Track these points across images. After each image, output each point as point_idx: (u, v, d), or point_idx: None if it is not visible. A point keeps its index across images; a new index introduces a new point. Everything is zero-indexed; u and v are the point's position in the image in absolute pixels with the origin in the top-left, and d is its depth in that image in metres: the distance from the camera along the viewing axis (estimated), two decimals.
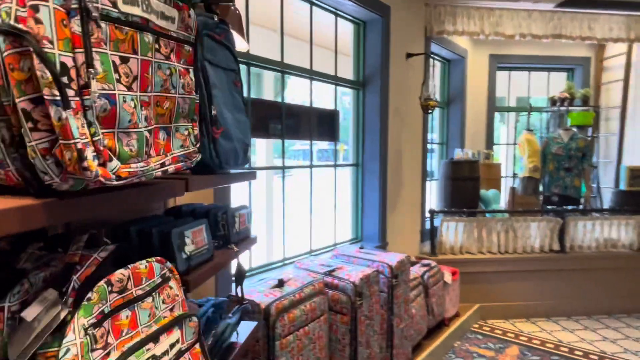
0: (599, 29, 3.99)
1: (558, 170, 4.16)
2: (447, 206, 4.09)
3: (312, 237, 3.01)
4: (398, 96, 3.50)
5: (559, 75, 5.39)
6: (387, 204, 3.43)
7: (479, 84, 5.00)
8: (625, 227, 4.09)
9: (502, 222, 3.96)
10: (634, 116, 4.58)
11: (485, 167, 4.46)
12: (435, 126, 4.95)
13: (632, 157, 4.58)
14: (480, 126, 5.04)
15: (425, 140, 3.99)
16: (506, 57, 5.00)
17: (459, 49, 4.61)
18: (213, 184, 1.13)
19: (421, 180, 3.99)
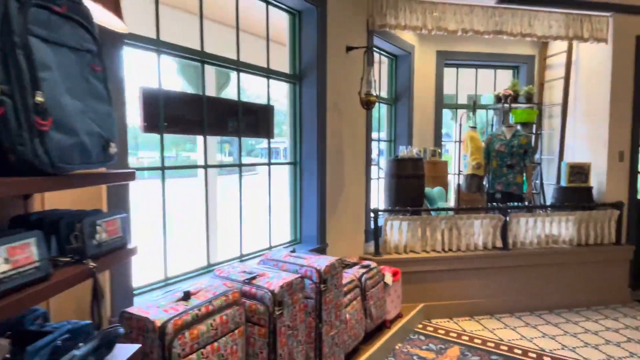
0: (538, 26, 4.02)
1: (501, 168, 4.17)
2: (392, 204, 4.01)
3: (244, 241, 2.82)
4: (338, 91, 3.36)
5: (506, 72, 5.44)
6: (327, 204, 3.29)
7: (427, 81, 4.96)
8: (565, 223, 4.16)
9: (446, 220, 3.91)
10: (574, 113, 4.67)
11: (431, 165, 4.42)
12: (383, 123, 4.87)
13: (573, 153, 4.68)
14: (428, 123, 5.01)
15: (369, 138, 3.88)
16: (453, 54, 4.99)
17: (406, 45, 4.54)
18: (38, 189, 0.91)
19: (365, 178, 3.87)
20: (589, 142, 4.50)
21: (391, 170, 4.01)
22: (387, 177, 4.08)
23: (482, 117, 5.61)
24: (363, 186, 3.85)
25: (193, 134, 2.31)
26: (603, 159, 4.32)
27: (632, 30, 4.19)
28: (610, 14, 4.14)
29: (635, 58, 4.22)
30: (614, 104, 4.23)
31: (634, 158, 4.32)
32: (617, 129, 4.26)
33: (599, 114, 4.36)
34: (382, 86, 4.73)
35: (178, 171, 4.42)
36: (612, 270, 4.21)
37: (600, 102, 4.33)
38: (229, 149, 23.12)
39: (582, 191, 4.30)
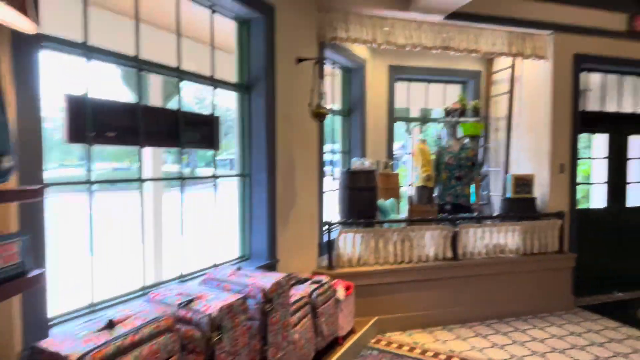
0: (483, 42, 4.17)
1: (450, 179, 4.26)
2: (346, 217, 3.96)
3: (187, 260, 2.65)
4: (288, 102, 3.29)
5: (454, 87, 5.61)
6: (278, 218, 3.18)
7: (379, 94, 5.01)
8: (511, 233, 4.29)
9: (399, 232, 3.92)
10: (518, 127, 4.88)
11: (384, 177, 4.43)
12: (337, 135, 4.85)
13: (518, 165, 4.87)
14: (381, 136, 5.05)
15: (322, 149, 3.83)
16: (404, 69, 5.08)
17: (358, 58, 4.57)
18: None
19: (318, 190, 3.81)
20: (532, 155, 4.70)
21: (344, 182, 3.98)
22: (340, 189, 4.04)
23: (434, 130, 5.74)
24: (316, 198, 3.78)
25: (127, 145, 2.14)
26: (545, 171, 4.51)
27: (570, 48, 4.45)
28: (549, 33, 4.37)
29: (573, 75, 4.47)
30: (555, 118, 4.45)
31: (573, 170, 4.55)
32: (558, 142, 4.48)
33: (540, 128, 4.57)
34: (336, 98, 4.72)
35: (124, 184, 4.15)
36: (556, 278, 4.38)
37: (542, 117, 4.54)
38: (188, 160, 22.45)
39: (526, 202, 4.47)
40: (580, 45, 4.48)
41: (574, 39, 4.45)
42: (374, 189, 3.99)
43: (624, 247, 5.06)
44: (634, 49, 4.67)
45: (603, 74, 4.89)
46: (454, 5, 3.79)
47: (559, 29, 4.38)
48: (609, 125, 4.97)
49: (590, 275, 4.81)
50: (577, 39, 4.47)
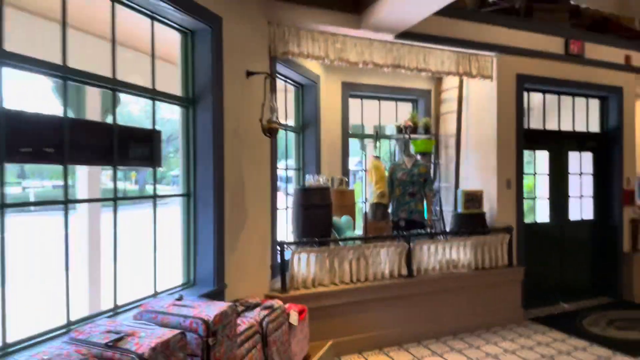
0: (432, 62, 4.27)
1: (404, 196, 4.26)
2: (300, 236, 3.83)
3: (122, 289, 2.39)
4: (237, 117, 3.14)
5: (406, 105, 5.71)
6: (226, 239, 2.99)
7: (333, 110, 4.98)
8: (463, 248, 4.33)
9: (354, 250, 3.83)
10: (467, 144, 5.02)
11: (338, 194, 4.36)
12: (291, 151, 4.74)
13: (467, 181, 4.99)
14: (335, 152, 4.99)
15: (274, 166, 3.70)
16: (357, 86, 5.10)
17: (311, 74, 4.52)
18: None
19: (270, 209, 3.65)
20: (480, 171, 4.82)
21: (298, 200, 3.85)
22: (294, 207, 3.90)
23: (387, 146, 5.78)
24: (268, 217, 3.62)
25: (48, 163, 1.90)
26: (493, 186, 4.64)
27: (512, 69, 4.65)
28: (493, 54, 4.56)
29: (516, 94, 4.67)
30: (500, 136, 4.61)
31: (519, 185, 4.71)
32: (504, 159, 4.63)
33: (487, 145, 4.71)
34: (290, 114, 4.63)
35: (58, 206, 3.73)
36: (507, 292, 4.46)
37: (489, 134, 4.69)
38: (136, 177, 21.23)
39: (476, 217, 4.55)
40: (523, 67, 4.71)
41: (516, 60, 4.67)
42: (328, 207, 3.90)
43: (567, 259, 5.30)
44: (570, 71, 4.98)
45: (543, 94, 5.16)
46: (404, 25, 3.84)
47: (503, 50, 4.58)
48: (550, 143, 5.23)
49: (538, 287, 4.97)
50: (520, 60, 4.69)
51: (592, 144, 5.49)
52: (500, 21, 4.58)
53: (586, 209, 5.49)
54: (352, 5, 3.82)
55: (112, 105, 2.36)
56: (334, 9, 3.75)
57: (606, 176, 5.49)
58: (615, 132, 5.42)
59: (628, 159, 5.42)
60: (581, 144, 5.44)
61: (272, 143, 3.64)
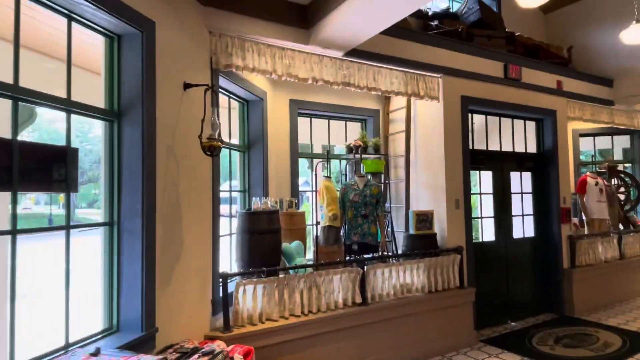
0: (382, 81, 4.19)
1: (356, 218, 4.07)
2: (246, 265, 3.47)
3: (19, 341, 1.92)
4: (173, 133, 2.79)
5: (355, 125, 5.61)
6: (158, 274, 2.58)
7: (281, 129, 4.74)
8: (416, 270, 4.20)
9: (305, 278, 3.55)
10: (416, 164, 4.98)
11: (288, 217, 4.08)
12: (236, 172, 4.41)
13: (417, 201, 4.93)
14: (284, 172, 4.73)
15: (217, 188, 3.35)
16: (306, 104, 4.92)
17: (257, 90, 4.26)
18: None
19: (212, 236, 3.28)
20: (430, 191, 4.78)
21: (243, 225, 3.52)
22: (239, 233, 3.56)
23: (336, 166, 5.63)
24: (209, 246, 3.24)
25: None
26: (443, 206, 4.60)
27: (457, 91, 4.71)
28: (440, 75, 4.59)
29: (462, 115, 4.73)
30: (448, 156, 4.61)
31: (467, 205, 4.72)
32: (452, 178, 4.62)
33: (436, 165, 4.69)
34: (234, 132, 4.31)
35: None
36: (460, 314, 4.38)
37: (437, 154, 4.68)
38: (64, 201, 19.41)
39: (428, 238, 4.47)
40: (467, 89, 4.79)
41: (460, 82, 4.75)
42: (277, 232, 3.60)
43: (513, 277, 5.37)
44: (509, 94, 5.16)
45: (485, 116, 5.30)
46: (353, 43, 3.74)
47: (448, 72, 4.64)
48: (493, 163, 5.35)
49: (488, 307, 4.96)
50: (464, 82, 4.77)
51: (530, 164, 5.71)
52: (445, 44, 4.65)
53: (528, 226, 5.66)
54: (301, 20, 3.65)
55: (14, 117, 1.93)
56: (282, 22, 3.56)
57: (544, 195, 5.71)
58: (550, 152, 5.68)
59: (563, 179, 5.68)
60: (520, 164, 5.63)
61: (214, 162, 3.30)
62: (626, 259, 6.23)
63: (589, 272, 5.70)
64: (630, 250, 6.36)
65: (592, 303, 5.66)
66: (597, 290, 5.77)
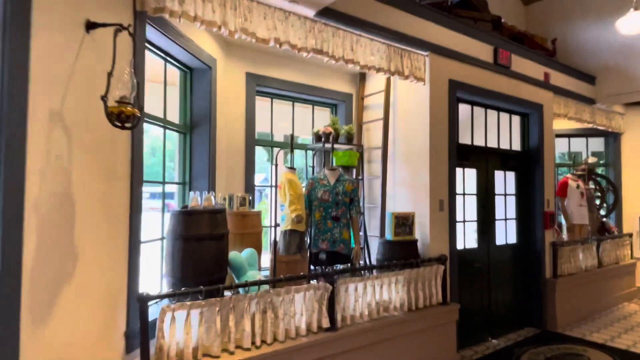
0: (360, 52, 3.43)
1: (325, 220, 3.27)
2: (178, 282, 2.59)
3: None
4: (63, 94, 1.87)
5: (324, 113, 4.82)
6: (26, 306, 1.66)
7: (235, 108, 3.86)
8: (395, 285, 3.48)
9: (259, 298, 2.71)
10: (394, 158, 4.27)
11: (239, 218, 3.21)
12: (174, 158, 3.49)
13: (395, 202, 4.22)
14: (237, 162, 3.86)
15: (138, 179, 2.43)
16: (267, 80, 4.06)
17: (204, 56, 3.36)
18: None
19: (128, 244, 2.37)
20: (410, 190, 4.09)
21: (176, 228, 2.62)
22: (169, 240, 2.66)
23: (301, 159, 4.82)
24: (123, 256, 2.33)
25: None
26: (425, 208, 3.92)
27: (445, 73, 4.04)
28: (427, 54, 3.89)
29: (449, 102, 4.06)
30: (433, 149, 3.93)
31: (452, 207, 4.06)
32: (437, 176, 3.95)
33: (418, 160, 4.00)
34: (172, 108, 3.39)
35: None
36: (442, 335, 3.71)
37: (420, 147, 3.99)
38: None
39: (408, 245, 3.76)
40: (455, 72, 4.13)
41: (449, 63, 4.08)
42: (222, 237, 2.73)
43: (494, 288, 4.80)
44: (498, 82, 4.57)
45: (471, 106, 4.68)
46: None
47: (436, 50, 3.95)
48: (478, 160, 4.74)
49: (469, 323, 4.34)
50: (452, 64, 4.11)
51: (514, 163, 5.17)
52: (434, 17, 3.96)
53: (510, 231, 5.12)
54: None
55: None
56: None
57: (528, 197, 5.20)
58: (536, 151, 5.17)
59: (548, 180, 5.20)
60: (505, 163, 5.07)
61: (134, 140, 2.39)
62: (604, 266, 5.88)
63: (570, 282, 5.25)
64: (607, 257, 6.03)
65: (573, 315, 5.22)
66: (578, 302, 5.35)
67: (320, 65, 4.34)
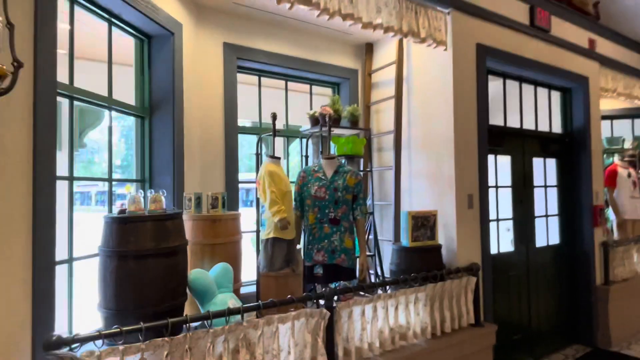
0: (363, 6, 2.65)
1: (321, 224, 2.50)
2: (110, 317, 1.87)
3: None
4: None
5: (324, 94, 4.06)
6: None
7: (210, 88, 3.13)
8: (414, 304, 2.71)
9: (228, 334, 1.97)
10: (410, 145, 3.49)
11: (207, 224, 2.48)
12: (131, 149, 2.78)
13: (411, 198, 3.45)
14: (215, 154, 3.14)
15: (45, 173, 1.73)
16: (250, 52, 3.32)
17: (165, 18, 2.64)
18: None
19: (32, 267, 1.67)
20: (431, 183, 3.30)
21: (108, 242, 1.91)
22: (100, 258, 1.94)
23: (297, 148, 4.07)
24: (21, 288, 1.63)
25: None
26: (450, 205, 3.13)
27: (471, 36, 3.24)
28: (448, 11, 3.09)
29: (477, 73, 3.25)
30: (459, 133, 3.13)
31: (484, 202, 3.26)
32: (465, 166, 3.15)
33: (440, 146, 3.21)
34: (126, 84, 2.69)
35: None
36: None
37: (442, 130, 3.20)
38: None
39: (429, 252, 2.99)
40: (484, 34, 3.32)
41: (476, 24, 3.27)
42: (174, 253, 2.01)
43: (534, 301, 3.97)
44: (535, 49, 3.72)
45: (503, 79, 3.84)
46: None
47: (459, 6, 3.14)
48: (513, 145, 3.91)
49: (506, 345, 3.54)
50: (480, 25, 3.30)
51: (555, 148, 4.31)
52: None
53: (552, 230, 4.27)
54: None
55: None
56: None
57: (572, 189, 4.34)
58: (581, 133, 4.31)
59: (596, 168, 4.33)
60: (545, 148, 4.22)
61: (38, 123, 1.68)
62: None
63: (625, 289, 4.38)
64: None
65: (630, 329, 4.36)
66: (635, 312, 4.47)
67: (317, 34, 3.58)
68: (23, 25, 1.61)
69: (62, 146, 3.92)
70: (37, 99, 1.68)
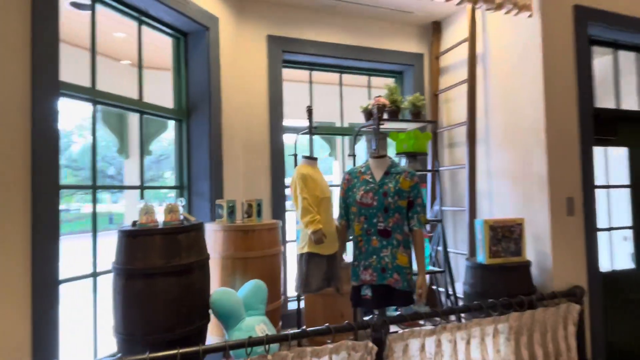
0: None
1: (369, 236, 2.08)
2: (122, 342, 1.68)
3: None
4: None
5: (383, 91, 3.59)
6: None
7: (253, 85, 2.89)
8: (492, 338, 2.15)
9: None
10: (488, 138, 2.88)
11: (239, 235, 2.21)
12: (171, 154, 2.64)
13: (492, 204, 2.84)
14: (260, 158, 2.89)
15: (47, 181, 1.59)
16: (297, 44, 3.01)
17: (198, 12, 2.45)
18: None
19: (30, 288, 1.53)
20: (515, 184, 2.67)
21: (117, 259, 1.72)
22: (113, 276, 1.77)
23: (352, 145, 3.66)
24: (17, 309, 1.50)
25: None
26: (542, 211, 2.48)
27: None
28: None
29: (576, 45, 2.55)
30: (553, 121, 2.47)
31: (589, 208, 2.54)
32: (561, 162, 2.48)
33: (528, 138, 2.58)
34: (164, 86, 2.56)
35: None
36: None
37: (530, 118, 2.56)
38: None
39: (515, 272, 2.39)
40: None
41: None
42: (189, 270, 1.76)
43: None
44: None
45: (614, 50, 3.03)
46: None
47: None
48: (629, 133, 3.06)
49: None
50: None
51: None
52: None
53: None
54: None
55: None
56: None
57: None
58: None
59: None
60: None
61: (36, 128, 1.54)
62: None
63: None
64: None
65: None
66: None
67: (374, 16, 3.16)
68: (23, 25, 1.49)
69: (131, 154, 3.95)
70: (35, 101, 1.54)
